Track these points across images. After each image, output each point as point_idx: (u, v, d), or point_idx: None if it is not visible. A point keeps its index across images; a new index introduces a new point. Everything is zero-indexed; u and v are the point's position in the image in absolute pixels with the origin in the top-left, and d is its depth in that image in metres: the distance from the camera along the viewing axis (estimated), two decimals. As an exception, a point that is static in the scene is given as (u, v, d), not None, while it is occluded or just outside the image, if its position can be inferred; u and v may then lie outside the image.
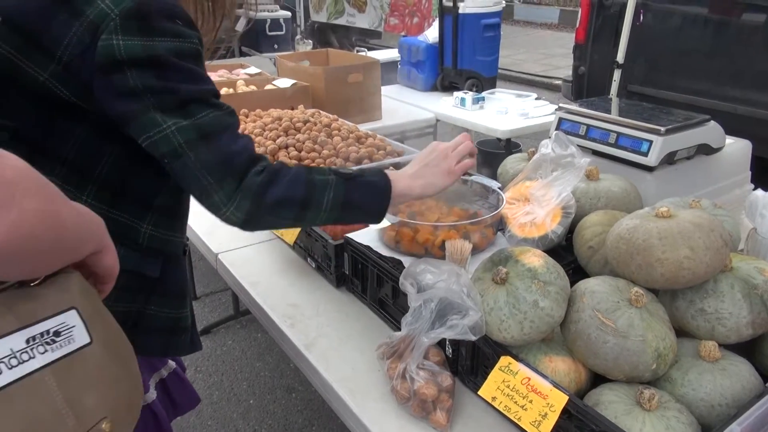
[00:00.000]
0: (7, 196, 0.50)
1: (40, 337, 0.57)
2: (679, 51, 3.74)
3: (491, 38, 3.56)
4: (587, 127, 1.80)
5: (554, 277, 1.02)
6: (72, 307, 0.61)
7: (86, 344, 0.61)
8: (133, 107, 0.84)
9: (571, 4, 13.23)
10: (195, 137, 0.86)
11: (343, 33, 7.24)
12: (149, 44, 0.82)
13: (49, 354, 0.57)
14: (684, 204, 1.27)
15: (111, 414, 0.63)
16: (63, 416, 0.59)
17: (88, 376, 0.62)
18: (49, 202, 0.55)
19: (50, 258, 0.58)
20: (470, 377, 1.09)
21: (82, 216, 0.62)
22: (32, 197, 0.53)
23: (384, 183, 1.05)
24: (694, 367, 0.97)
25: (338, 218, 1.02)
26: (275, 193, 0.93)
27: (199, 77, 0.89)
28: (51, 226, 0.55)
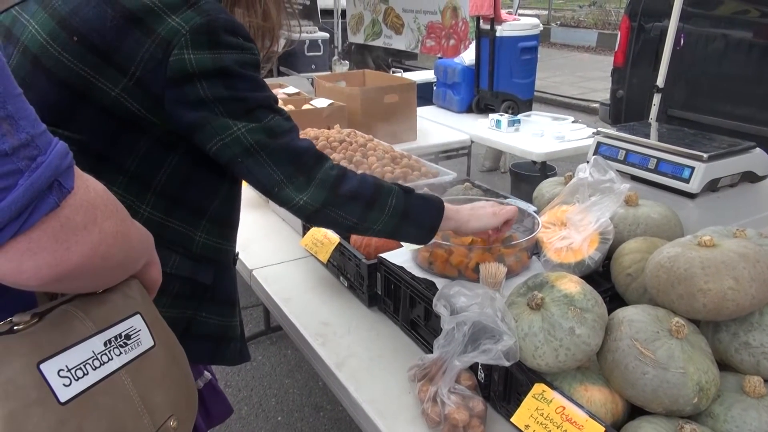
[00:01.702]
0: (91, 218, 0.53)
1: (114, 340, 0.61)
2: (722, 75, 3.66)
3: (528, 61, 3.56)
4: (626, 152, 1.77)
5: (591, 304, 1.00)
6: (137, 312, 0.66)
7: (151, 347, 0.66)
8: (203, 115, 0.88)
9: (609, 27, 13.13)
10: (265, 137, 0.92)
11: (379, 54, 7.34)
12: (217, 56, 0.87)
13: (123, 356, 0.62)
14: (727, 233, 1.24)
15: (176, 411, 0.68)
16: (140, 414, 0.63)
17: (155, 377, 0.66)
18: (123, 223, 0.58)
19: (120, 273, 0.63)
20: (502, 403, 1.07)
21: (141, 233, 0.66)
22: (110, 219, 0.56)
23: (438, 201, 1.14)
24: (738, 403, 0.93)
25: (395, 227, 1.06)
26: (348, 187, 0.99)
27: (262, 85, 0.95)
28: (123, 244, 0.58)
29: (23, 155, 0.48)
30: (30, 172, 0.48)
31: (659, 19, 3.89)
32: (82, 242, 0.52)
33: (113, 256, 0.57)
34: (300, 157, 0.96)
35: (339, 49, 6.44)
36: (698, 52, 3.74)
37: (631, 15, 4.18)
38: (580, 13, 15.82)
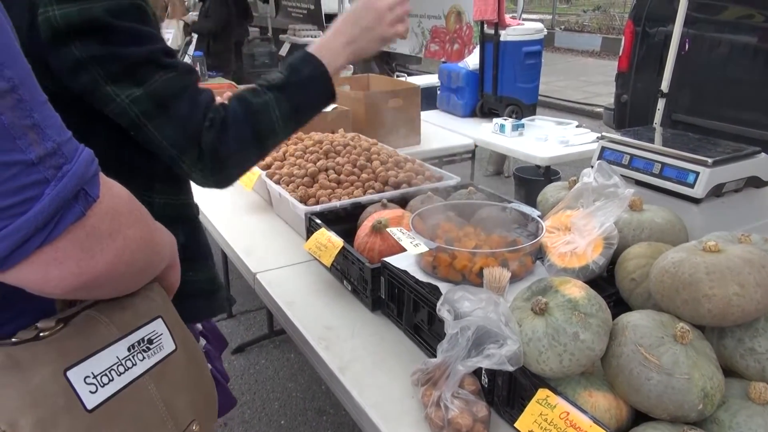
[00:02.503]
0: (116, 226, 0.53)
1: (138, 344, 0.61)
2: (727, 80, 3.65)
3: (532, 65, 3.56)
4: (631, 157, 1.77)
5: (596, 309, 1.00)
6: (159, 315, 0.66)
7: (173, 351, 0.65)
8: (84, 81, 0.78)
9: (613, 32, 13.13)
10: (150, 107, 0.81)
11: (383, 58, 7.35)
12: (85, 7, 0.75)
13: (147, 361, 0.61)
14: (732, 238, 1.23)
15: (197, 416, 0.67)
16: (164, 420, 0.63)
17: (177, 381, 0.65)
18: (147, 229, 0.58)
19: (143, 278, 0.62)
20: (506, 408, 1.07)
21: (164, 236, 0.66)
22: (134, 225, 0.55)
23: (318, 72, 0.99)
24: (744, 409, 0.92)
25: (296, 125, 0.99)
26: (228, 144, 0.88)
27: (145, 36, 0.81)
28: (147, 250, 0.58)
29: (49, 164, 0.48)
30: (56, 182, 0.48)
31: (663, 24, 3.89)
32: (107, 250, 0.52)
33: (137, 262, 0.57)
34: (187, 127, 0.84)
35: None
36: (703, 57, 3.73)
37: (636, 20, 4.18)
38: (584, 18, 15.83)
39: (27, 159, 0.46)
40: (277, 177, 1.98)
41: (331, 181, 1.95)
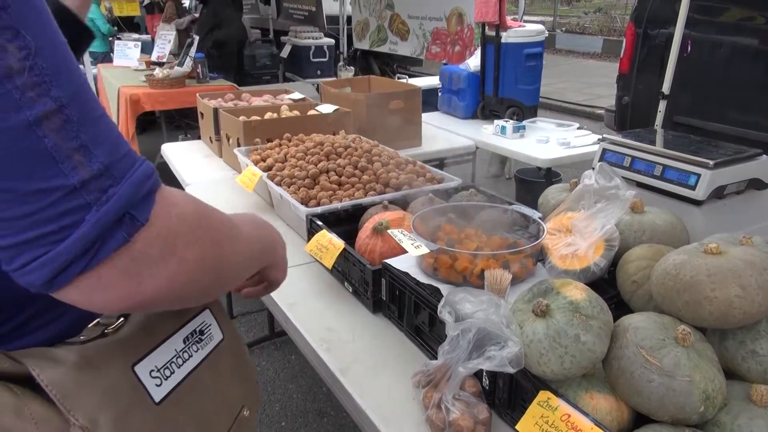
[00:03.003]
0: (170, 249, 0.49)
1: (191, 336, 0.62)
2: (728, 82, 3.65)
3: (533, 67, 3.56)
4: (632, 159, 1.77)
5: (597, 311, 1.00)
6: (206, 307, 0.66)
7: (221, 340, 0.67)
8: None
9: (614, 34, 13.13)
10: None
11: (384, 60, 7.36)
12: None
13: (200, 352, 0.63)
14: (734, 240, 1.23)
15: (246, 401, 0.69)
16: (220, 407, 0.65)
17: (227, 369, 0.67)
18: (212, 247, 0.54)
19: (209, 294, 0.59)
20: (507, 411, 1.07)
21: (245, 250, 0.62)
22: (195, 246, 0.52)
23: None
24: (745, 412, 0.92)
25: None
26: None
27: None
28: (211, 269, 0.54)
29: (94, 187, 0.45)
30: (98, 206, 0.45)
31: (665, 26, 3.89)
32: (157, 276, 0.49)
33: (196, 283, 0.53)
34: None
35: (344, 55, 6.47)
36: (704, 59, 3.73)
37: (637, 21, 4.18)
38: (586, 20, 15.84)
39: (69, 184, 0.44)
40: (279, 178, 1.98)
41: (332, 183, 1.95)
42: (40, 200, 0.43)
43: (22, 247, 0.44)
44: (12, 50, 0.41)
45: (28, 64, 0.42)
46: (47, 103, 0.43)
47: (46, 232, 0.44)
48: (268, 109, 2.73)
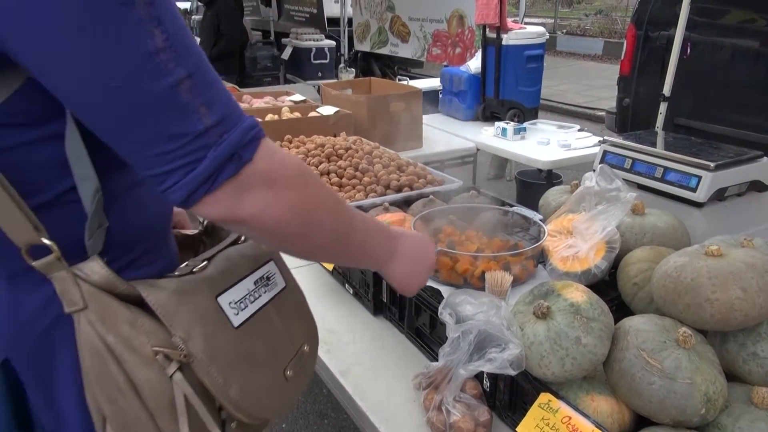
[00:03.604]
0: (267, 183, 0.64)
1: (260, 280, 0.77)
2: (729, 84, 3.65)
3: (534, 69, 3.56)
4: (633, 161, 1.77)
5: (598, 313, 1.00)
6: (271, 259, 0.81)
7: (284, 288, 0.81)
8: None
9: (615, 36, 13.13)
10: None
11: (385, 61, 7.36)
12: None
13: (268, 293, 0.78)
14: (735, 242, 1.23)
15: (307, 340, 0.85)
16: (284, 339, 0.80)
17: (290, 311, 0.82)
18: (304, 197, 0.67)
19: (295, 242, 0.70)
20: (508, 413, 1.06)
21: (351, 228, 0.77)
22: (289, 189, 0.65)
23: None
24: (746, 414, 0.92)
25: None
26: None
27: None
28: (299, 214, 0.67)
29: (213, 133, 0.60)
30: (216, 147, 0.60)
31: (665, 28, 3.88)
32: (255, 202, 0.63)
33: (286, 222, 0.66)
34: None
35: (345, 56, 6.47)
36: (705, 61, 3.73)
37: (638, 24, 4.18)
38: (586, 22, 15.84)
39: (197, 130, 0.59)
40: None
41: (333, 185, 1.95)
42: (178, 141, 0.58)
43: (167, 174, 0.60)
44: (157, 34, 0.56)
45: (168, 44, 0.57)
46: (181, 72, 0.58)
47: (182, 164, 0.59)
48: (269, 110, 2.73)
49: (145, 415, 0.65)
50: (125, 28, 0.54)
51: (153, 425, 0.65)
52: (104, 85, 0.55)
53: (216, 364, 0.68)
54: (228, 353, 0.70)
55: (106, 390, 0.64)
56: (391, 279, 0.94)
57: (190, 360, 0.66)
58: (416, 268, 0.96)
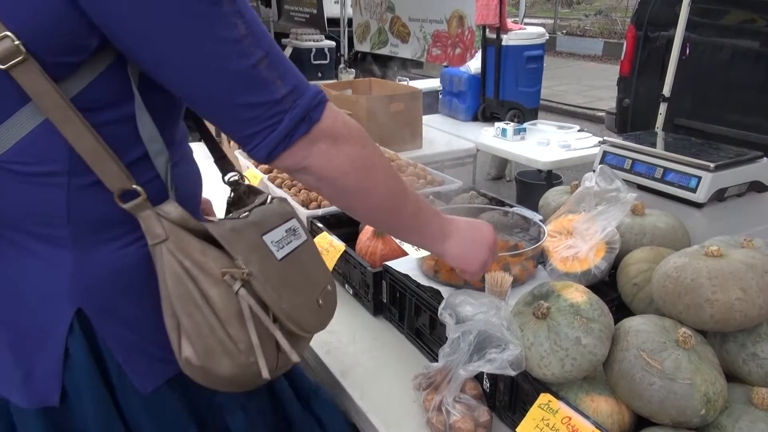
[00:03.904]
0: (331, 140, 0.78)
1: (288, 231, 0.90)
2: (729, 85, 3.65)
3: (534, 70, 3.56)
4: (633, 161, 1.77)
5: (598, 314, 1.00)
6: (293, 216, 0.93)
7: (305, 240, 0.93)
8: None
9: (615, 37, 13.14)
10: None
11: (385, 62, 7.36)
12: None
13: (296, 241, 0.91)
14: (735, 243, 1.23)
15: (329, 282, 0.97)
16: (312, 277, 0.93)
17: (313, 258, 0.95)
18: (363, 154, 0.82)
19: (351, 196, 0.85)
20: (508, 413, 1.06)
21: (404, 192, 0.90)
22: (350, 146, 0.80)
23: None
24: (746, 415, 0.92)
25: None
26: None
27: None
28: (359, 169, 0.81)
29: (287, 100, 0.74)
30: (291, 111, 0.75)
31: (665, 29, 3.89)
32: (321, 154, 0.78)
33: (346, 175, 0.80)
34: None
35: (345, 57, 6.47)
36: (705, 62, 3.73)
37: (638, 24, 4.18)
38: (586, 22, 15.85)
39: (275, 98, 0.74)
40: (279, 180, 1.99)
41: (333, 185, 1.95)
42: (261, 108, 0.73)
43: (253, 136, 0.75)
44: (240, 24, 0.70)
45: (249, 31, 0.71)
46: (260, 53, 0.72)
47: (264, 127, 0.75)
48: (269, 111, 2.73)
49: (217, 324, 0.78)
50: (216, 22, 0.68)
51: (223, 332, 0.78)
52: (203, 67, 0.70)
53: (270, 283, 0.82)
54: (276, 277, 0.84)
55: (185, 306, 0.77)
56: (449, 259, 1.02)
57: (251, 278, 0.80)
58: (474, 246, 1.03)
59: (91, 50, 0.70)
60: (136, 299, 0.81)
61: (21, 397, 0.81)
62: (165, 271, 0.76)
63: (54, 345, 0.79)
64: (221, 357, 0.78)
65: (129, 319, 0.81)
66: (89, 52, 0.70)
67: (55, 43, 0.68)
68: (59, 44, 0.68)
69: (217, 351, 0.78)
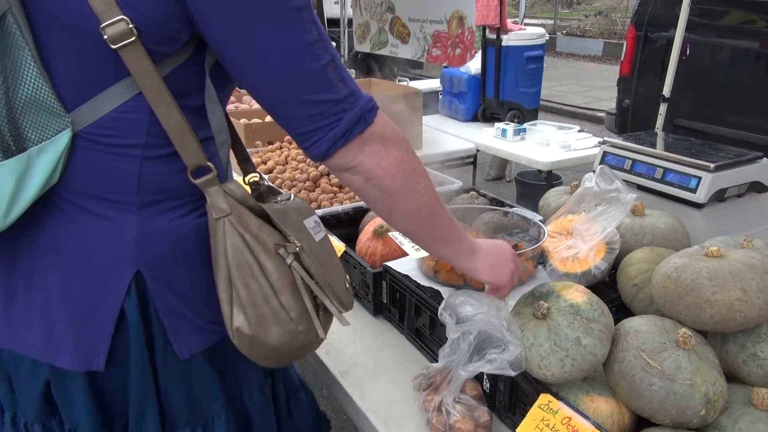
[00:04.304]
0: (381, 142, 0.84)
1: (315, 222, 0.95)
2: (729, 85, 3.65)
3: (534, 70, 3.56)
4: (633, 162, 1.77)
5: (598, 314, 1.00)
6: (314, 213, 0.97)
7: (326, 234, 0.98)
8: None
9: (615, 37, 13.14)
10: None
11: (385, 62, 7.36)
12: None
13: (322, 232, 0.96)
14: (735, 243, 1.23)
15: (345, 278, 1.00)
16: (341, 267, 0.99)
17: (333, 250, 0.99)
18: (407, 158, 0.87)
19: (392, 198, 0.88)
20: (508, 414, 1.06)
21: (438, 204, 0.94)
22: (396, 149, 0.86)
23: None
24: (746, 415, 0.92)
25: None
26: None
27: None
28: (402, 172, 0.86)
29: (347, 101, 0.81)
30: (349, 111, 0.81)
31: (665, 29, 3.89)
32: (371, 154, 0.84)
33: (392, 176, 0.85)
34: None
35: (345, 57, 6.47)
36: (705, 62, 3.73)
37: (638, 25, 4.19)
38: (586, 23, 15.85)
39: (337, 98, 0.80)
40: (279, 181, 1.99)
41: (333, 186, 1.95)
42: (324, 106, 0.80)
43: (311, 133, 0.81)
44: (313, 30, 0.78)
45: (320, 37, 0.79)
46: (327, 57, 0.79)
47: (325, 124, 0.80)
48: (269, 111, 2.73)
49: (272, 293, 0.85)
50: (296, 26, 0.76)
51: (277, 301, 0.85)
52: (278, 65, 0.77)
53: (316, 258, 0.89)
54: (319, 254, 0.91)
55: (243, 276, 0.83)
56: (479, 273, 1.05)
57: (302, 252, 0.87)
58: (500, 260, 1.07)
59: (181, 43, 0.78)
60: (185, 268, 0.87)
61: (68, 360, 0.85)
62: (226, 243, 0.83)
63: (110, 307, 0.84)
64: (272, 326, 0.85)
65: (177, 285, 0.87)
66: (180, 45, 0.79)
67: (158, 32, 0.75)
68: (161, 34, 0.76)
69: (269, 320, 0.85)
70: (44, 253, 0.84)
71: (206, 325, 0.89)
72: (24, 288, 0.85)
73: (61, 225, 0.83)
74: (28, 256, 0.84)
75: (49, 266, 0.84)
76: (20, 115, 0.73)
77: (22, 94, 0.73)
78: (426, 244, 1.01)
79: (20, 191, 0.75)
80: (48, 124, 0.75)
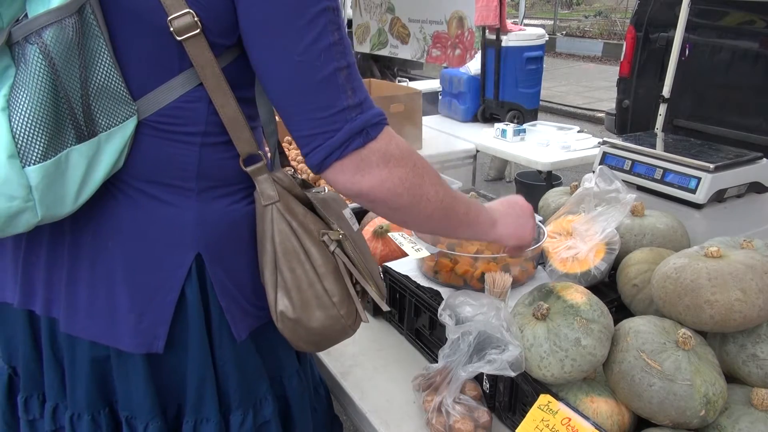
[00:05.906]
0: (384, 162, 0.82)
1: (351, 213, 0.96)
2: (728, 86, 3.65)
3: (534, 71, 3.57)
4: (632, 162, 1.77)
5: (597, 314, 1.00)
6: (347, 206, 0.98)
7: (358, 228, 0.98)
8: None
9: (614, 37, 13.15)
10: None
11: (385, 63, 7.35)
12: None
13: (356, 224, 0.97)
14: (734, 244, 1.23)
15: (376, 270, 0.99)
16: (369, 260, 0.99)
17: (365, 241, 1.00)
18: (413, 174, 0.85)
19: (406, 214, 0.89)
20: (508, 414, 1.06)
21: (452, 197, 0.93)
22: (400, 167, 0.83)
23: None
24: (746, 416, 0.92)
25: None
26: None
27: None
28: (409, 188, 0.84)
29: (352, 111, 0.79)
30: (351, 122, 0.78)
31: (665, 30, 3.89)
32: (373, 175, 0.81)
33: (398, 196, 0.84)
34: None
35: (345, 58, 6.47)
36: (704, 62, 3.74)
37: (637, 25, 4.19)
38: (586, 23, 15.86)
39: (343, 105, 0.78)
40: (279, 181, 1.98)
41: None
42: (327, 111, 0.78)
43: (311, 137, 0.79)
44: (335, 33, 0.78)
45: (341, 40, 0.78)
46: (344, 62, 0.78)
47: (324, 131, 0.78)
48: (269, 112, 2.73)
49: (316, 278, 0.86)
50: (319, 26, 0.76)
51: (320, 285, 0.87)
52: (294, 61, 0.76)
53: (357, 246, 0.92)
54: (359, 242, 0.93)
55: (289, 261, 0.86)
56: (506, 240, 1.08)
57: (344, 239, 0.89)
58: (520, 221, 1.11)
59: (236, 38, 0.80)
60: (238, 252, 0.90)
61: (128, 342, 0.86)
62: (273, 229, 0.86)
63: (171, 289, 0.86)
64: (315, 309, 0.87)
65: (231, 269, 0.89)
66: (236, 38, 0.80)
67: (219, 26, 0.78)
68: (221, 28, 0.79)
69: (313, 304, 0.87)
70: (108, 237, 0.85)
71: (252, 309, 0.92)
72: (88, 271, 0.86)
73: (125, 209, 0.85)
74: (92, 239, 0.86)
75: (113, 250, 0.85)
76: (93, 102, 0.75)
77: (95, 82, 0.75)
78: (447, 235, 1.05)
79: (89, 175, 0.77)
80: (117, 111, 0.78)
